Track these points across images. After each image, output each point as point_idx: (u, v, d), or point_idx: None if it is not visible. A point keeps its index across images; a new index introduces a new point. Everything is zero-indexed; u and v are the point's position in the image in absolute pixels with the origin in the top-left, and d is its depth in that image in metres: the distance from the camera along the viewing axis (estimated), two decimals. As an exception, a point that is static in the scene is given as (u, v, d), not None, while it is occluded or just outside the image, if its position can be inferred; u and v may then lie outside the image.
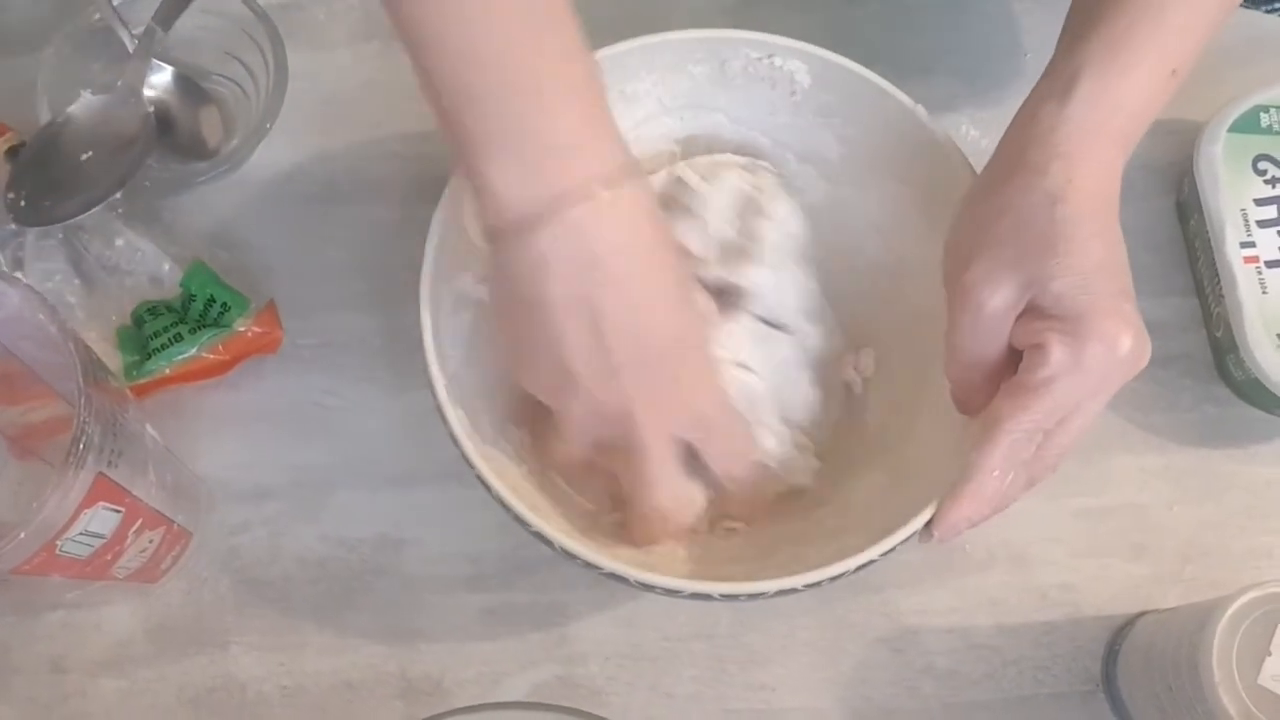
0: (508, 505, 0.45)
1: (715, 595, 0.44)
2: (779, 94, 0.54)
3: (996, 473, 0.43)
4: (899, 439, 0.52)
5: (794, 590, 0.44)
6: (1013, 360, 0.44)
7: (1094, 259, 0.42)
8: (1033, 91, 0.46)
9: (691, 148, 0.56)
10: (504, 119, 0.41)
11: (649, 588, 0.44)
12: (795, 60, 0.52)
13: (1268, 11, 0.62)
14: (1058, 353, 0.42)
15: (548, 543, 0.44)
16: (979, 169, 0.48)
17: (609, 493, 0.51)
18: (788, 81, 0.53)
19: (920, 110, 0.52)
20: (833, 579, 0.44)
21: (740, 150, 0.56)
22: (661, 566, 0.47)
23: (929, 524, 0.45)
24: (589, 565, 0.44)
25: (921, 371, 0.52)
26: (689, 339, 0.47)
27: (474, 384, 0.50)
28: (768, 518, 0.52)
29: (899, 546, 0.45)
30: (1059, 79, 0.45)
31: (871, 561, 0.44)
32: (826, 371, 0.55)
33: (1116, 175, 0.44)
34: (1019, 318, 0.43)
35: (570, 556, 0.44)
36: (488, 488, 0.45)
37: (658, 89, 0.54)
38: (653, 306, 0.44)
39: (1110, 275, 0.43)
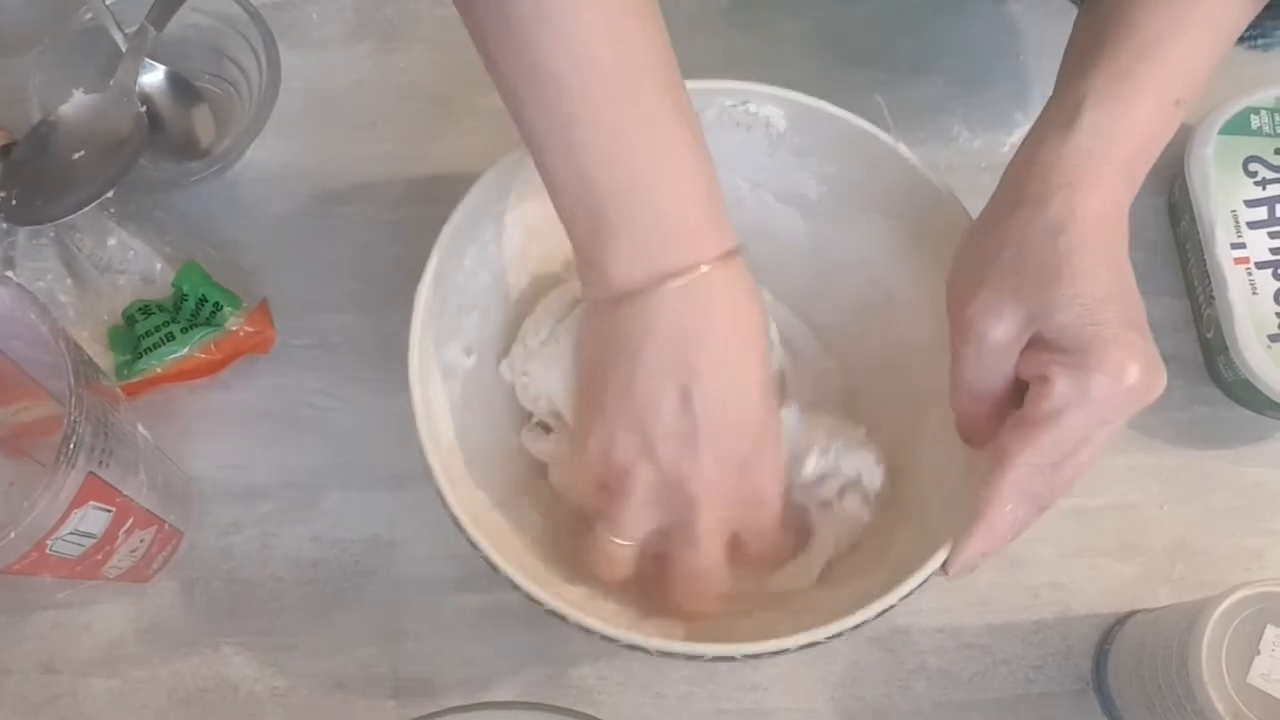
0: (517, 584, 0.44)
1: (738, 656, 0.43)
2: (755, 138, 0.54)
3: (1009, 507, 0.43)
4: (899, 474, 0.52)
5: (815, 644, 0.43)
6: (1019, 392, 0.43)
7: (1100, 288, 0.41)
8: (1035, 124, 0.46)
9: None
10: (622, 209, 0.42)
11: (670, 655, 0.43)
12: (770, 105, 0.52)
13: (1249, 49, 0.61)
14: (1062, 385, 0.41)
15: (562, 618, 0.44)
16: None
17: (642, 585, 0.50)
18: (764, 126, 0.53)
19: (901, 147, 0.51)
20: (854, 628, 0.43)
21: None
22: (676, 627, 0.47)
23: (944, 564, 0.44)
24: (606, 638, 0.43)
25: (918, 405, 0.51)
26: (770, 427, 0.46)
27: (470, 452, 0.49)
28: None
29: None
30: (1062, 110, 0.44)
31: (891, 608, 0.44)
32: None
33: (1123, 206, 0.43)
34: (1024, 350, 0.43)
35: (587, 631, 0.44)
36: (495, 569, 0.44)
37: None
38: (745, 384, 0.44)
39: (1118, 305, 0.41)
